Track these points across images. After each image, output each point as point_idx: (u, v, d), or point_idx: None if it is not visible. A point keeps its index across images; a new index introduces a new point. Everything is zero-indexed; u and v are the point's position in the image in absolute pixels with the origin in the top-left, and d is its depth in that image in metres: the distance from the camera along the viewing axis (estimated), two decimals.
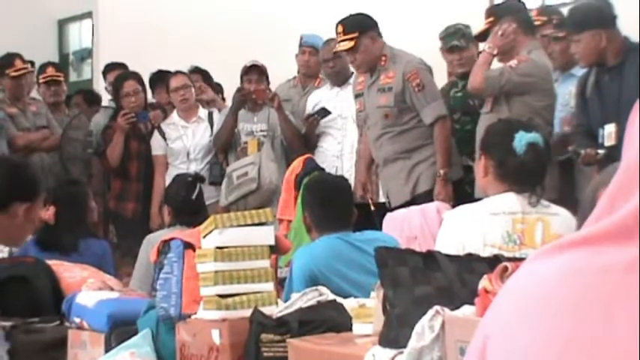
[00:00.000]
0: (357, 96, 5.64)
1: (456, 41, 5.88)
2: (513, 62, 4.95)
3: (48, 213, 4.82)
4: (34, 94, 7.11)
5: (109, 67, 7.31)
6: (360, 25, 5.41)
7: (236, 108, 6.44)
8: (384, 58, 5.41)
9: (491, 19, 5.11)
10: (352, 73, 6.40)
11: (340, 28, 5.45)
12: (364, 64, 5.45)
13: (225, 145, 6.50)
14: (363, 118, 5.64)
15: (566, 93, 5.31)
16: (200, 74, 7.19)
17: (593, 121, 4.70)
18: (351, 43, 5.37)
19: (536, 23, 5.50)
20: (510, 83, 4.93)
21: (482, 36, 5.30)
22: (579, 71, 5.30)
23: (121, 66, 7.24)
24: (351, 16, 5.51)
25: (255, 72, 6.47)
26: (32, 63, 7.04)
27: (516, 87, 4.95)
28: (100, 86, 8.31)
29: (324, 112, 6.33)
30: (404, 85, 5.29)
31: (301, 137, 6.41)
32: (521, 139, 3.23)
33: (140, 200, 6.53)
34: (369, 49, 5.38)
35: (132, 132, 6.59)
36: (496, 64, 5.28)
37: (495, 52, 5.10)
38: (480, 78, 5.00)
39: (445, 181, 5.23)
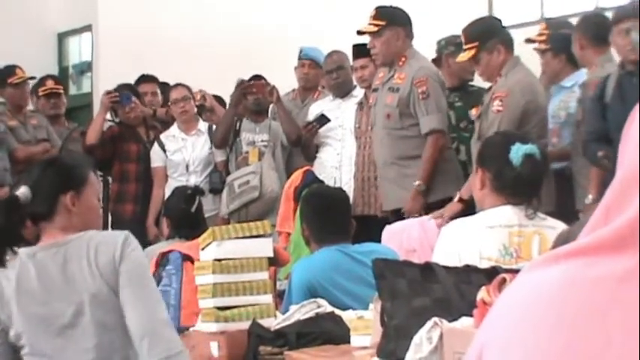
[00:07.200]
0: (374, 90, 5.57)
1: None
2: (498, 105, 4.73)
3: None
4: (31, 107, 7.10)
5: (141, 80, 7.24)
6: (390, 17, 5.35)
7: (236, 102, 6.46)
8: (403, 59, 5.34)
9: (475, 43, 4.84)
10: (355, 86, 6.41)
11: (373, 12, 5.40)
12: (381, 55, 5.37)
13: (224, 140, 6.49)
14: (373, 116, 5.57)
15: (555, 105, 5.29)
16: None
17: (613, 127, 4.54)
18: (374, 29, 5.33)
19: (542, 37, 5.46)
20: (510, 125, 4.67)
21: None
22: (569, 82, 5.29)
23: (152, 79, 7.18)
24: (389, 6, 5.47)
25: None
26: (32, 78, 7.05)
27: (515, 123, 4.74)
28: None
29: (323, 120, 6.27)
30: (411, 89, 5.25)
31: (300, 132, 6.39)
32: (518, 151, 3.23)
33: (139, 202, 6.55)
34: (390, 43, 5.32)
35: (131, 136, 6.64)
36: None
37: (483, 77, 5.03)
38: None
39: (418, 193, 5.16)
